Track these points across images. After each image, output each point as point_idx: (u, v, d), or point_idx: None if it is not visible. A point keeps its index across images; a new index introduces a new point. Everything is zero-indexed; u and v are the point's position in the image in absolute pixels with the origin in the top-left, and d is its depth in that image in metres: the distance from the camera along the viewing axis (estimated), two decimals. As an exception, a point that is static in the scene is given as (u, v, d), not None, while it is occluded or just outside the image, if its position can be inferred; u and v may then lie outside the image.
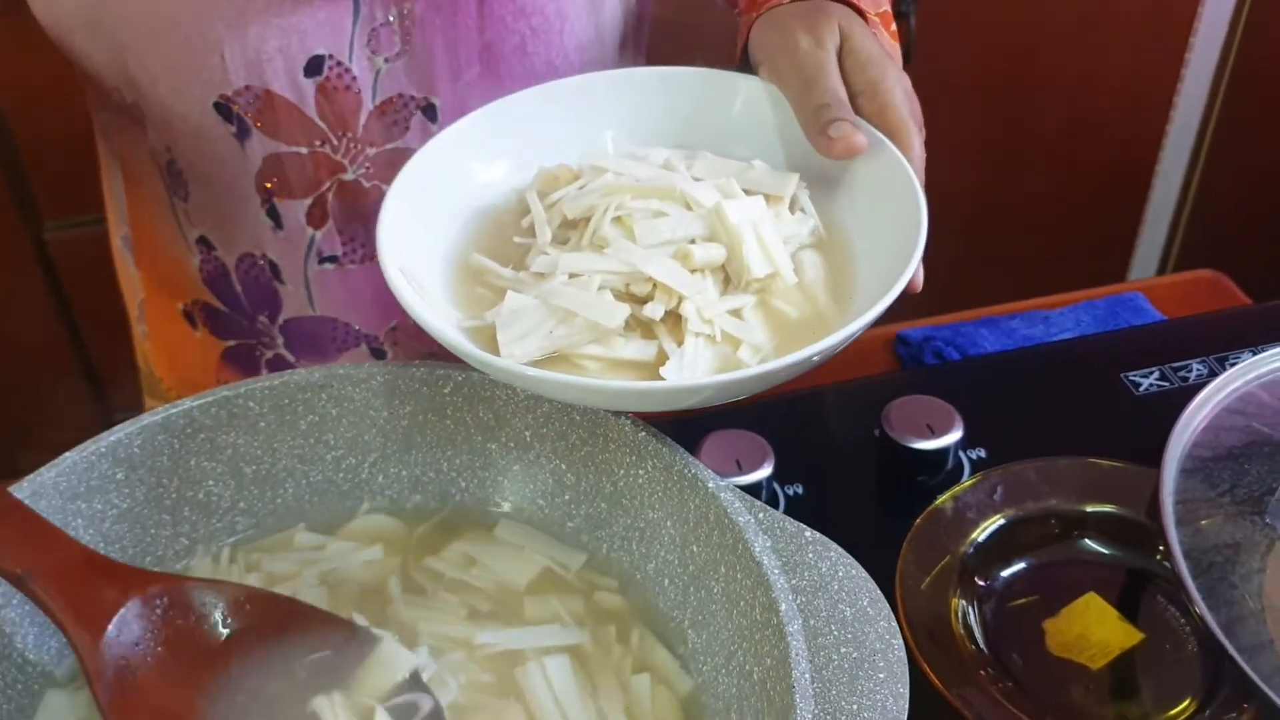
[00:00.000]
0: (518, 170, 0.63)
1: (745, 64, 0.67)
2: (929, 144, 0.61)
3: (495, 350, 0.53)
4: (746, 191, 0.59)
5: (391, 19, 0.69)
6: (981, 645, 0.67)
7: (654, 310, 0.53)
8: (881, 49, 0.62)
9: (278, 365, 0.83)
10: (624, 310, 0.53)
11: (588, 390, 0.51)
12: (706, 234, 0.56)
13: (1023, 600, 0.70)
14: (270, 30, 0.67)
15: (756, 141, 0.64)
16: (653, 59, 0.88)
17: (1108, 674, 0.66)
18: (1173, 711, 0.65)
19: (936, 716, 0.62)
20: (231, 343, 0.83)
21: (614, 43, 0.77)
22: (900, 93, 0.61)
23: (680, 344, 0.53)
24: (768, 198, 0.59)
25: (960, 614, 0.68)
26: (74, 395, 1.73)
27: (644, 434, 0.57)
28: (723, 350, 0.54)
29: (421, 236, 0.58)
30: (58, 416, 1.67)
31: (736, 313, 0.55)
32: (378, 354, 0.83)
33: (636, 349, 0.53)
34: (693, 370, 0.52)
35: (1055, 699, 0.65)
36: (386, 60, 0.70)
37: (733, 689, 0.52)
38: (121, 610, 0.50)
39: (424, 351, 0.84)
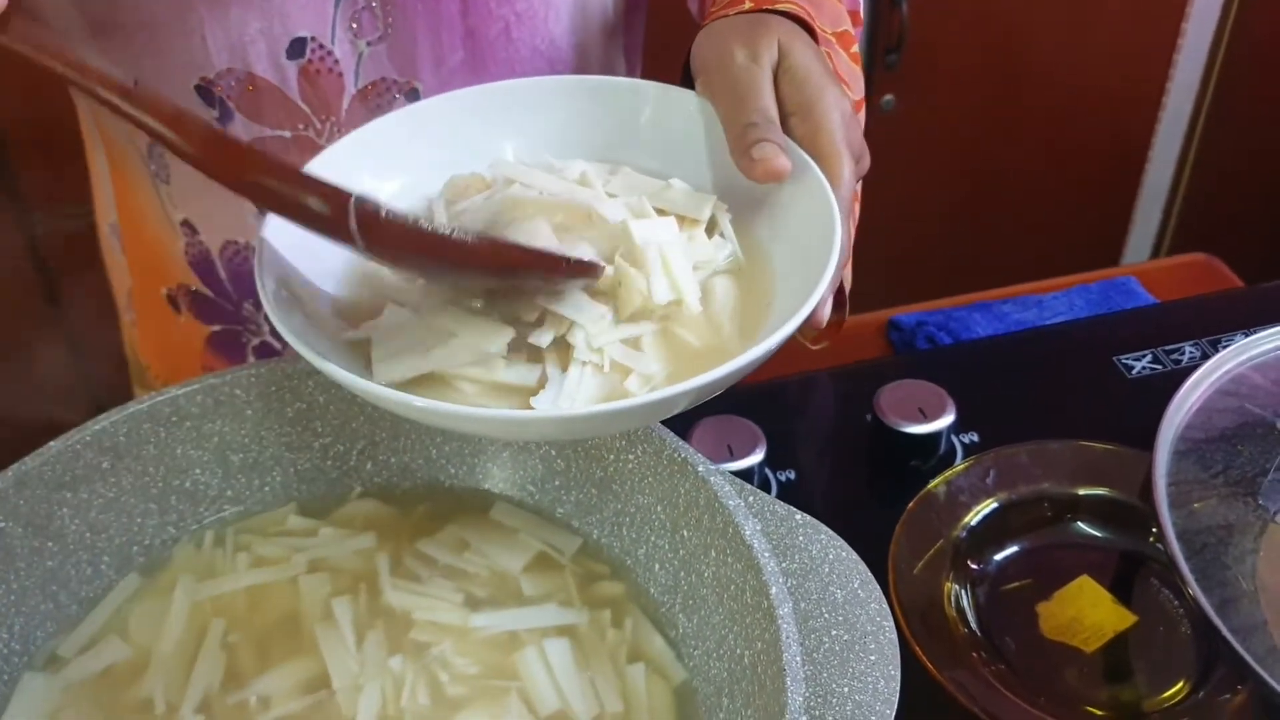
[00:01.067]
0: (421, 179, 0.60)
1: (687, 77, 0.64)
2: (923, 133, 0.60)
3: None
4: (661, 211, 0.56)
5: (373, 2, 0.68)
6: (974, 628, 0.67)
7: (541, 338, 0.50)
8: (823, 67, 0.59)
9: (264, 351, 0.83)
10: (508, 333, 0.49)
11: (457, 417, 0.47)
12: (611, 254, 0.53)
13: (1016, 583, 0.70)
14: (252, 12, 0.66)
15: (685, 158, 0.60)
16: (653, 48, 0.87)
17: (1101, 657, 0.66)
18: (1167, 694, 0.65)
19: (929, 699, 0.62)
20: (216, 328, 0.82)
21: (600, 29, 0.77)
22: (836, 116, 0.57)
23: (565, 368, 0.50)
24: (683, 220, 0.56)
25: (953, 597, 0.67)
26: (63, 385, 1.73)
27: (634, 418, 0.57)
28: (611, 379, 0.50)
29: (317, 247, 0.53)
30: (47, 405, 1.66)
31: (634, 341, 0.52)
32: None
33: (518, 373, 0.50)
34: (571, 400, 0.49)
35: (1049, 682, 0.65)
36: (369, 44, 0.70)
37: (724, 673, 0.52)
38: None
39: None
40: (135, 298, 0.87)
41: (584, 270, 0.50)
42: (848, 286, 0.65)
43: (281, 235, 0.53)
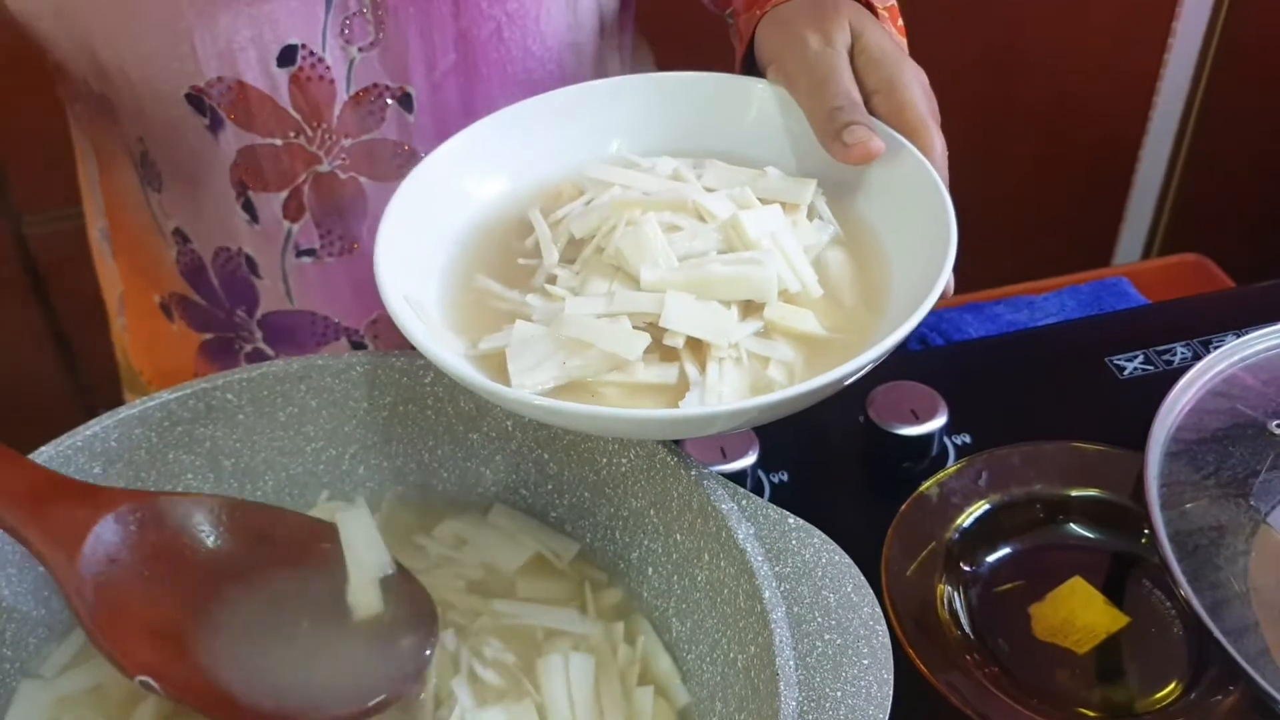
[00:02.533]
0: (517, 184, 0.61)
1: (749, 65, 0.64)
2: None
3: (505, 379, 0.50)
4: (761, 200, 0.56)
5: (364, 8, 0.68)
6: (967, 630, 0.67)
7: (674, 340, 0.51)
8: (895, 44, 0.60)
9: (257, 359, 0.83)
10: (644, 340, 0.50)
11: (608, 420, 0.48)
12: (723, 247, 0.53)
13: (1008, 585, 0.70)
14: (241, 19, 0.66)
15: (768, 147, 0.61)
16: (647, 45, 0.87)
17: (1094, 658, 0.66)
18: (1159, 695, 0.65)
19: (922, 702, 0.62)
20: (209, 335, 0.82)
21: (593, 28, 0.77)
22: (917, 89, 0.58)
23: (703, 366, 0.51)
24: (784, 206, 0.56)
25: (946, 599, 0.67)
26: (54, 388, 1.72)
27: (626, 422, 0.57)
28: (752, 368, 0.51)
29: (419, 259, 0.56)
30: (38, 410, 1.65)
31: (764, 331, 0.52)
32: (358, 347, 0.82)
33: (657, 373, 0.50)
34: (718, 395, 0.49)
35: (1041, 683, 0.65)
36: (360, 50, 0.69)
37: (717, 677, 0.52)
38: (95, 527, 0.50)
39: (407, 344, 0.83)
40: (127, 303, 0.87)
41: None
42: None
43: (390, 247, 0.54)
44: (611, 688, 0.54)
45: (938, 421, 0.75)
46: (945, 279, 0.50)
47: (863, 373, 0.49)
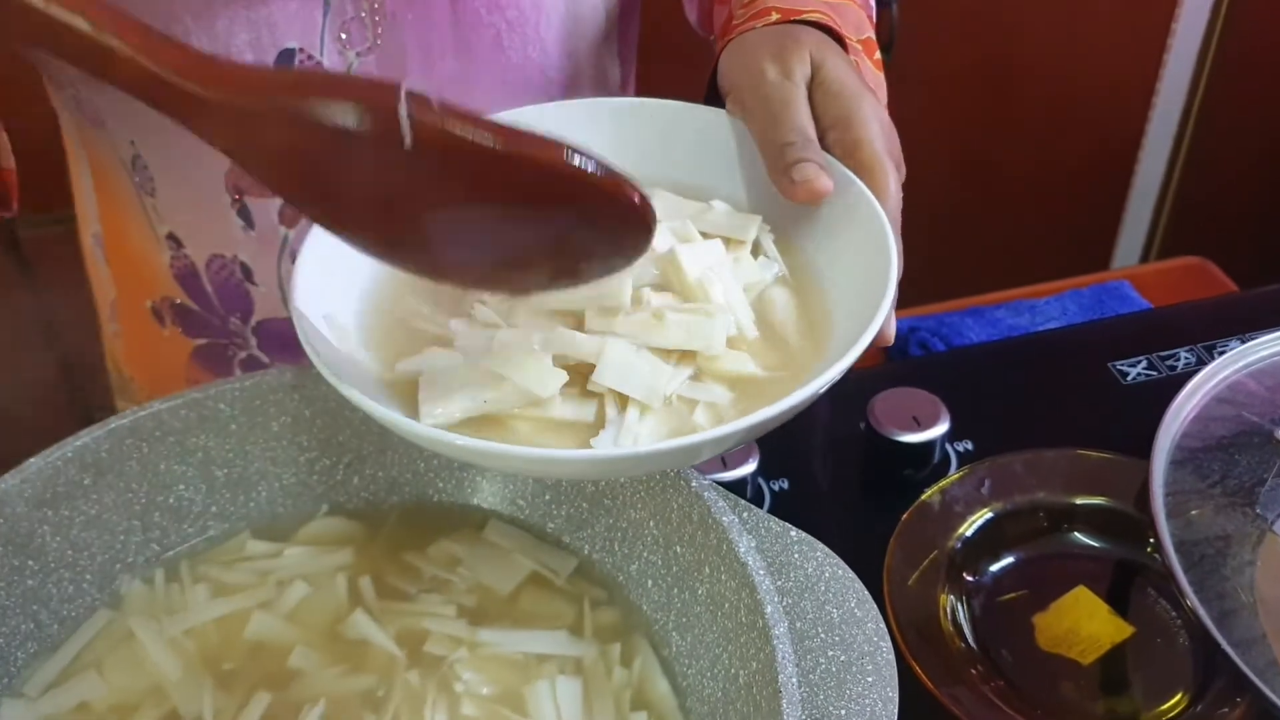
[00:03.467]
0: None
1: (714, 93, 0.63)
2: (912, 135, 0.59)
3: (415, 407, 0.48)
4: (705, 235, 0.55)
5: (362, 12, 0.67)
6: (971, 642, 0.66)
7: (598, 383, 0.49)
8: (858, 79, 0.58)
9: (251, 366, 0.82)
10: (561, 377, 0.48)
11: (515, 459, 0.46)
12: (658, 281, 0.52)
13: (1011, 595, 0.69)
14: (239, 23, 0.65)
15: (720, 179, 0.59)
16: (647, 57, 0.86)
17: (1098, 669, 0.66)
18: (1164, 706, 0.64)
19: (927, 716, 0.61)
20: (201, 341, 0.81)
21: (594, 36, 0.76)
22: (875, 126, 0.56)
23: (624, 404, 0.49)
24: (728, 241, 0.55)
25: (949, 610, 0.67)
26: (48, 394, 1.71)
27: (625, 432, 0.56)
28: (678, 409, 0.49)
29: (346, 270, 0.53)
30: (32, 415, 1.64)
31: (695, 375, 0.51)
32: None
33: (574, 410, 0.49)
34: (634, 438, 0.47)
35: (1046, 696, 0.64)
36: (358, 54, 0.68)
37: (718, 693, 0.51)
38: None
39: None
40: (119, 310, 0.86)
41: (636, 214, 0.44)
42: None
43: (313, 262, 0.52)
44: (605, 711, 0.53)
45: (940, 428, 0.74)
46: (879, 322, 0.48)
47: (793, 414, 0.47)
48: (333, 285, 0.53)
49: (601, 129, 0.60)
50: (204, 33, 0.65)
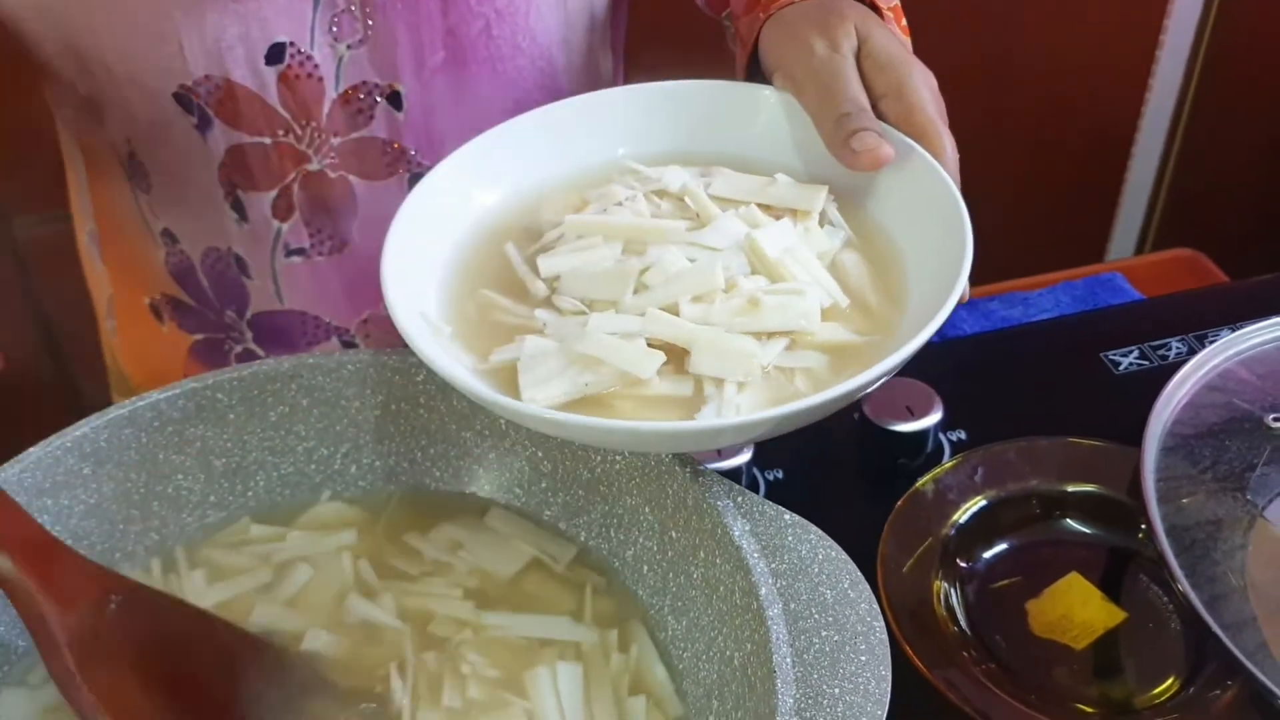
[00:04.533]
0: (521, 192, 0.60)
1: (753, 69, 0.64)
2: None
3: (514, 393, 0.50)
4: (766, 208, 0.56)
5: (353, 5, 0.67)
6: (964, 627, 0.66)
7: (697, 371, 0.50)
8: (903, 49, 0.59)
9: (247, 359, 0.81)
10: (658, 359, 0.49)
11: (622, 434, 0.48)
12: (747, 270, 0.53)
13: (1005, 581, 0.69)
14: (229, 16, 0.66)
15: (777, 153, 0.60)
16: (635, 47, 0.87)
17: (1091, 654, 0.66)
18: (1156, 690, 0.64)
19: (920, 699, 0.62)
20: (199, 337, 0.82)
21: (584, 25, 0.76)
22: (925, 91, 0.57)
23: (721, 382, 0.50)
24: (796, 213, 0.56)
25: (942, 596, 0.67)
26: (45, 392, 1.71)
27: (620, 419, 0.56)
28: (775, 380, 0.50)
29: (420, 272, 0.55)
30: (27, 412, 1.65)
31: (789, 347, 0.51)
32: (349, 347, 0.82)
33: (671, 386, 0.50)
34: (735, 408, 0.48)
35: (1039, 680, 0.64)
36: (349, 47, 0.69)
37: (713, 675, 0.51)
38: (90, 596, 0.49)
39: (398, 343, 0.82)
40: (116, 306, 0.87)
41: None
42: None
43: (396, 259, 0.53)
44: (603, 695, 0.54)
45: (933, 418, 0.74)
46: (964, 278, 0.50)
47: (888, 376, 0.49)
48: (411, 282, 0.54)
49: (652, 113, 0.62)
50: (194, 29, 0.66)
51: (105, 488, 0.57)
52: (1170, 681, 0.65)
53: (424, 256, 0.56)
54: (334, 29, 0.68)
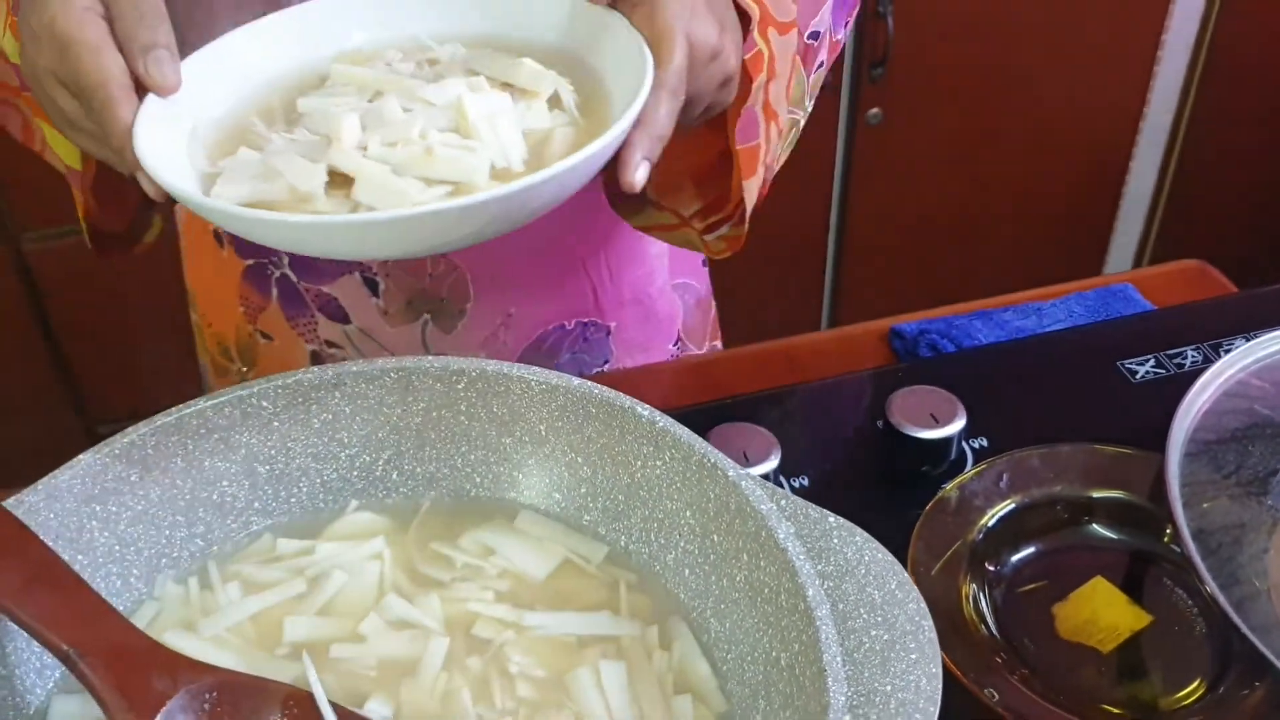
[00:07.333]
0: (314, 50, 0.65)
1: None
2: (907, 148, 0.60)
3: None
4: (503, 85, 0.60)
5: None
6: (993, 630, 0.67)
7: (357, 199, 0.55)
8: None
9: (284, 284, 0.87)
10: (321, 175, 0.54)
11: (273, 225, 0.52)
12: (451, 126, 0.57)
13: (1031, 585, 0.70)
14: None
15: (545, 35, 0.64)
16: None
17: (1118, 657, 0.67)
18: (1183, 693, 0.65)
19: (953, 700, 0.62)
20: (250, 261, 0.86)
21: None
22: (676, 5, 0.59)
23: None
24: (526, 92, 0.60)
25: (971, 599, 0.68)
26: (52, 406, 1.71)
27: (663, 424, 0.57)
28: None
29: (209, 94, 0.60)
30: (35, 428, 1.65)
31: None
32: (370, 283, 0.85)
33: (332, 205, 0.55)
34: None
35: (1067, 681, 0.65)
36: None
37: (759, 675, 0.52)
38: (170, 702, 0.49)
39: (415, 287, 0.86)
40: (184, 229, 0.92)
41: None
42: (749, 204, 0.69)
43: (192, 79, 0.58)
44: (649, 692, 0.54)
45: (957, 424, 0.75)
46: (593, 153, 0.53)
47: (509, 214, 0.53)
48: (197, 99, 0.59)
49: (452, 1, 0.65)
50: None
51: (152, 494, 0.58)
52: (1197, 684, 0.66)
53: (200, 89, 0.60)
54: None
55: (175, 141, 0.58)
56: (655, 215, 0.77)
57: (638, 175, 0.57)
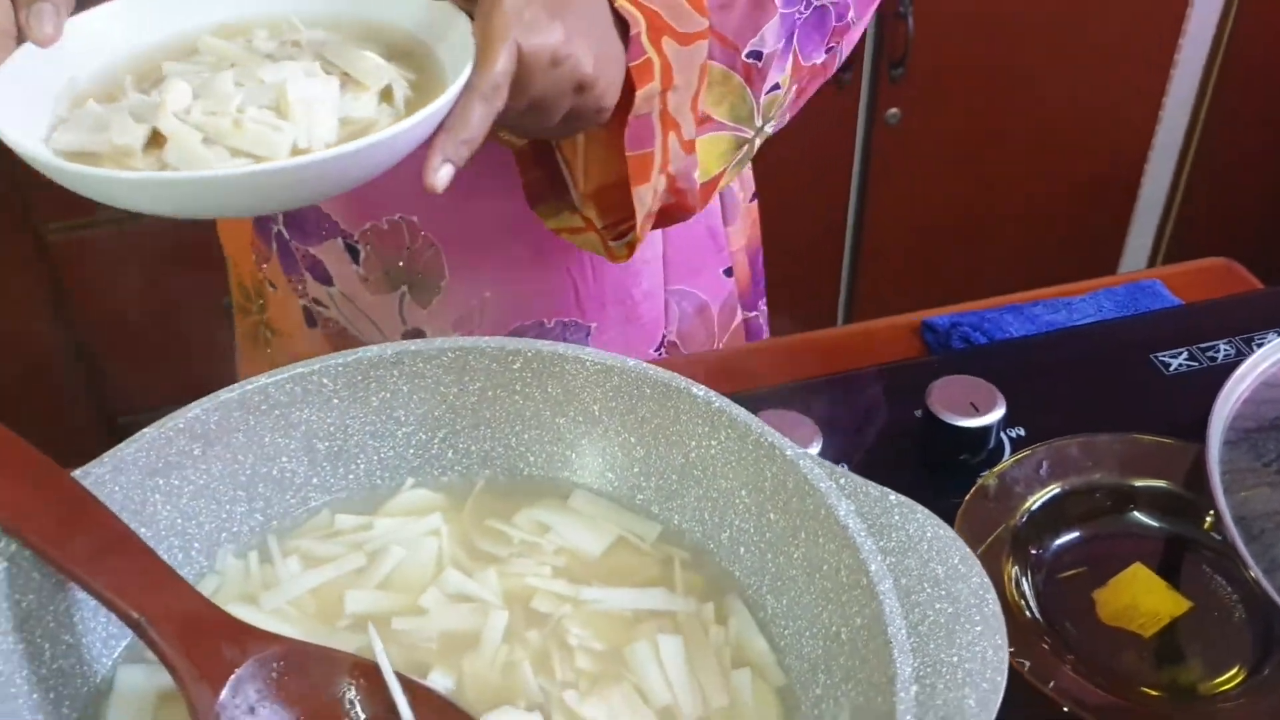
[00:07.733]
0: (201, 18, 0.66)
1: None
2: (923, 145, 0.61)
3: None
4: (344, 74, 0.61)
5: None
6: (1036, 614, 0.68)
7: (167, 160, 0.56)
8: None
9: (281, 241, 0.91)
10: (138, 132, 0.56)
11: (94, 180, 0.53)
12: (272, 104, 0.58)
13: (1071, 571, 0.71)
14: None
15: (400, 19, 0.65)
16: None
17: (1158, 642, 0.68)
18: (1223, 678, 0.66)
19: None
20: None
21: None
22: (508, 11, 0.58)
23: None
24: (359, 84, 0.60)
25: (1014, 581, 0.69)
26: (73, 396, 1.72)
27: (719, 404, 0.58)
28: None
29: (98, 49, 0.62)
30: (57, 418, 1.65)
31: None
32: (351, 250, 0.87)
33: (148, 163, 0.56)
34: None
35: (1108, 664, 0.66)
36: None
37: (818, 650, 0.53)
38: (239, 670, 0.49)
39: (393, 259, 0.87)
40: None
41: None
42: (640, 212, 0.69)
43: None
44: (707, 664, 0.55)
45: (997, 413, 0.76)
46: (396, 132, 0.54)
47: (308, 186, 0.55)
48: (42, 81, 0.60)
49: None
50: None
51: (214, 468, 0.59)
52: (1236, 669, 0.66)
53: (84, 64, 0.61)
54: None
55: (42, 90, 0.59)
56: (569, 219, 0.77)
57: (439, 176, 0.56)
